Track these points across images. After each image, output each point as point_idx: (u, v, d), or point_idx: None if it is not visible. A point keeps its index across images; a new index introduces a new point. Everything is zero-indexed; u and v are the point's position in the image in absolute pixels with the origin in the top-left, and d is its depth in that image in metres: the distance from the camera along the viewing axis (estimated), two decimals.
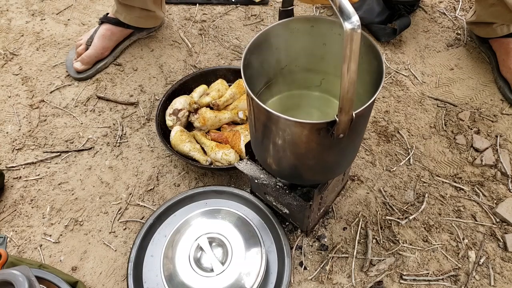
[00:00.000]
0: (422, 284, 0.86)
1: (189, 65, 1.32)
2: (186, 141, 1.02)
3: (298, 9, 1.49)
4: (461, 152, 1.07)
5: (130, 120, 1.18)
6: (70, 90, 1.26)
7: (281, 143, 0.64)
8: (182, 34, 1.43)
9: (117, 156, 1.10)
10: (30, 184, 1.05)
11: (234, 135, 1.02)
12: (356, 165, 1.05)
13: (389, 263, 0.89)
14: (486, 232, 0.93)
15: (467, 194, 1.00)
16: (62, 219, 0.99)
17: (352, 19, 0.43)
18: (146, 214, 0.99)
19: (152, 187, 1.04)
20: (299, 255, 0.90)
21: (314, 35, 0.71)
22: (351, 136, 0.62)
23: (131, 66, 1.33)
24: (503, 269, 0.88)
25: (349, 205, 0.99)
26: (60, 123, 1.18)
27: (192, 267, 0.79)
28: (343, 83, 0.47)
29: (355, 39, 0.44)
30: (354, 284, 0.86)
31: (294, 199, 0.78)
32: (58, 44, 1.41)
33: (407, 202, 0.99)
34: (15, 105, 1.23)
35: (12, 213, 1.00)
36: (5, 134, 1.16)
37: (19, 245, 0.95)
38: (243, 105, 1.10)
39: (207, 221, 0.86)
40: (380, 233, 0.94)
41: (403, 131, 1.12)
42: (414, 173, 1.04)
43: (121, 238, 0.95)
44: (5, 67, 1.34)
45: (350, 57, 0.45)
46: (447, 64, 1.29)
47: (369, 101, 0.58)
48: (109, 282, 0.88)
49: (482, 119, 1.14)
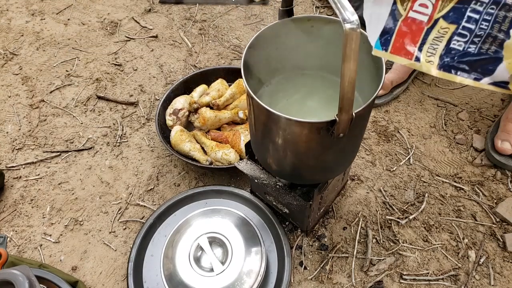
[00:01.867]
0: (422, 283, 0.86)
1: (189, 65, 1.32)
2: (186, 141, 1.02)
3: (298, 9, 1.49)
4: (461, 152, 1.07)
5: (130, 120, 1.18)
6: (70, 90, 1.26)
7: (281, 143, 0.64)
8: (182, 34, 1.43)
9: (117, 156, 1.10)
10: (30, 184, 1.05)
11: (234, 135, 1.02)
12: (356, 165, 1.05)
13: (389, 263, 0.89)
14: (486, 231, 0.93)
15: (467, 193, 1.00)
16: (62, 219, 0.99)
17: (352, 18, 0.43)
18: (146, 214, 0.99)
19: (152, 187, 1.04)
20: (299, 255, 0.90)
21: (314, 34, 0.71)
22: (351, 136, 0.62)
23: (131, 66, 1.33)
24: (503, 268, 0.88)
25: (349, 204, 0.99)
26: (60, 123, 1.18)
27: (192, 267, 0.79)
28: (343, 82, 0.47)
29: (354, 38, 0.44)
30: (354, 283, 0.86)
31: (294, 199, 0.78)
32: (58, 44, 1.41)
33: (407, 201, 0.99)
34: (15, 105, 1.23)
35: (12, 213, 1.00)
36: (5, 134, 1.16)
37: (19, 244, 0.95)
38: (243, 104, 1.10)
39: (207, 220, 0.86)
40: (380, 233, 0.94)
41: (403, 131, 1.12)
42: (414, 173, 1.04)
43: (121, 238, 0.95)
44: (5, 67, 1.34)
45: (350, 56, 0.45)
46: None
47: (369, 101, 0.58)
48: (109, 282, 0.88)
49: (482, 119, 1.14)
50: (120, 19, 1.50)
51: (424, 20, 0.50)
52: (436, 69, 0.50)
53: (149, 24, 1.48)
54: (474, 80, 0.50)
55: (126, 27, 1.48)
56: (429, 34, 0.50)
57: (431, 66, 0.50)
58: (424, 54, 0.51)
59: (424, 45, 0.50)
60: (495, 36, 0.47)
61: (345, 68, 0.46)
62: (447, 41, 0.49)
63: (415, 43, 0.51)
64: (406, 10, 0.49)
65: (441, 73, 0.50)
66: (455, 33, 0.49)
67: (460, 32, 0.49)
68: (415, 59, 0.51)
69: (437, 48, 0.50)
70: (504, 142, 1.01)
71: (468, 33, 0.49)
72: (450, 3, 0.48)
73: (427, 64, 0.50)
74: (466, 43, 0.49)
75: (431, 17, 0.49)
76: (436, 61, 0.50)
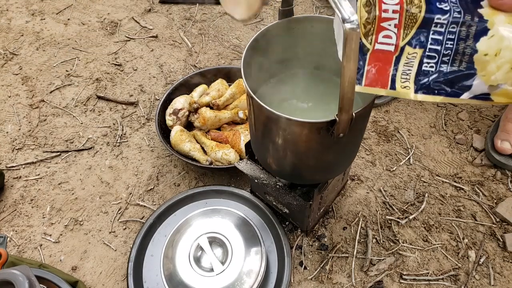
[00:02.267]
0: (422, 283, 0.86)
1: (189, 65, 1.32)
2: (186, 141, 1.02)
3: (298, 9, 1.49)
4: (461, 152, 1.07)
5: (130, 120, 1.18)
6: (70, 90, 1.26)
7: (281, 143, 0.64)
8: (182, 34, 1.43)
9: (117, 156, 1.10)
10: (30, 184, 1.05)
11: (234, 134, 1.02)
12: (356, 165, 1.05)
13: (389, 263, 0.89)
14: (486, 231, 0.93)
15: (467, 193, 1.00)
16: (62, 218, 0.99)
17: (352, 18, 0.43)
18: (146, 213, 0.99)
19: (152, 186, 1.04)
20: (299, 255, 0.90)
21: (314, 34, 0.71)
22: (351, 136, 0.62)
23: (131, 66, 1.33)
24: (503, 268, 0.88)
25: (349, 204, 0.99)
26: (60, 122, 1.18)
27: (192, 267, 0.79)
28: (343, 82, 0.47)
29: (354, 38, 0.44)
30: (354, 283, 0.86)
31: (294, 199, 0.78)
32: (58, 44, 1.41)
33: (407, 201, 0.99)
34: (15, 105, 1.23)
35: (12, 212, 1.00)
36: (5, 134, 1.16)
37: (19, 244, 0.95)
38: (243, 104, 1.10)
39: (207, 220, 0.86)
40: (380, 233, 0.94)
41: (403, 131, 1.12)
42: (414, 173, 1.04)
43: (121, 238, 0.95)
44: (5, 66, 1.34)
45: (350, 56, 0.45)
46: None
47: (369, 101, 0.58)
48: (109, 282, 0.88)
49: (482, 119, 1.14)
50: (120, 19, 1.50)
51: (391, 49, 0.51)
52: (413, 93, 0.51)
53: (149, 24, 1.48)
54: (454, 97, 0.51)
55: (126, 27, 1.48)
56: (399, 61, 0.51)
57: (408, 91, 0.51)
58: (398, 81, 0.51)
59: (397, 72, 0.51)
60: (463, 52, 0.49)
61: (345, 68, 0.46)
62: (418, 65, 0.50)
63: (387, 72, 0.51)
64: (372, 43, 0.50)
65: (420, 96, 0.51)
66: (423, 56, 0.50)
67: (428, 55, 0.50)
68: (391, 87, 0.52)
69: (410, 73, 0.51)
70: (504, 142, 1.01)
71: (436, 54, 0.50)
72: (412, 30, 0.49)
73: (403, 90, 0.51)
74: (437, 64, 0.50)
75: (397, 46, 0.50)
76: (412, 86, 0.51)
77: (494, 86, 0.49)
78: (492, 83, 0.49)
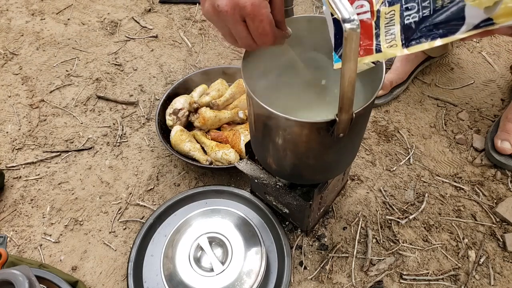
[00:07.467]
0: (422, 283, 0.86)
1: (189, 65, 1.32)
2: (186, 141, 1.02)
3: (298, 9, 1.49)
4: (461, 152, 1.07)
5: (130, 120, 1.18)
6: (70, 90, 1.26)
7: (281, 143, 0.64)
8: (182, 34, 1.43)
9: (117, 156, 1.10)
10: (30, 184, 1.05)
11: (234, 134, 1.02)
12: (356, 165, 1.05)
13: (389, 263, 0.89)
14: (486, 231, 0.93)
15: (467, 193, 1.00)
16: (62, 218, 0.99)
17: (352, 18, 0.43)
18: (146, 213, 0.99)
19: (152, 186, 1.04)
20: (299, 255, 0.90)
21: (314, 34, 0.71)
22: (351, 136, 0.62)
23: (131, 66, 1.33)
24: (503, 268, 0.88)
25: (349, 204, 0.99)
26: (60, 122, 1.18)
27: (192, 267, 0.79)
28: (343, 82, 0.47)
29: (354, 38, 0.44)
30: (354, 283, 0.86)
31: (294, 199, 0.78)
32: (58, 43, 1.41)
33: (407, 201, 0.99)
34: (15, 105, 1.23)
35: (12, 212, 1.00)
36: (5, 134, 1.16)
37: (19, 244, 0.95)
38: (243, 104, 1.10)
39: (207, 220, 0.86)
40: (380, 233, 0.94)
41: (403, 131, 1.12)
42: (414, 173, 1.04)
43: (121, 238, 0.95)
44: (5, 66, 1.34)
45: (350, 56, 0.45)
46: (447, 63, 1.29)
47: (369, 101, 0.58)
48: (109, 282, 0.88)
49: (482, 119, 1.14)
50: (120, 19, 1.50)
51: (368, 16, 0.50)
52: (403, 48, 0.50)
53: (149, 24, 1.48)
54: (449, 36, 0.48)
55: (126, 27, 1.48)
56: (379, 25, 0.50)
57: (396, 48, 0.50)
58: (383, 43, 0.50)
59: (380, 36, 0.50)
60: None
61: (345, 68, 0.46)
62: (399, 21, 0.49)
63: (370, 39, 0.51)
64: None
65: (411, 48, 0.50)
66: (402, 10, 0.49)
67: (406, 7, 0.49)
68: (376, 51, 0.51)
69: (394, 31, 0.50)
70: (504, 142, 1.01)
71: (414, 3, 0.48)
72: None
73: (391, 49, 0.50)
74: (418, 12, 0.48)
75: (372, 12, 0.50)
76: (399, 41, 0.50)
77: (491, 7, 0.45)
78: (487, 4, 0.45)
